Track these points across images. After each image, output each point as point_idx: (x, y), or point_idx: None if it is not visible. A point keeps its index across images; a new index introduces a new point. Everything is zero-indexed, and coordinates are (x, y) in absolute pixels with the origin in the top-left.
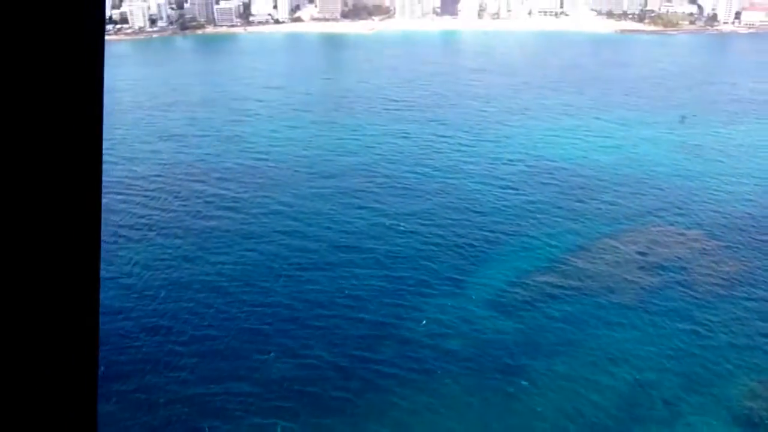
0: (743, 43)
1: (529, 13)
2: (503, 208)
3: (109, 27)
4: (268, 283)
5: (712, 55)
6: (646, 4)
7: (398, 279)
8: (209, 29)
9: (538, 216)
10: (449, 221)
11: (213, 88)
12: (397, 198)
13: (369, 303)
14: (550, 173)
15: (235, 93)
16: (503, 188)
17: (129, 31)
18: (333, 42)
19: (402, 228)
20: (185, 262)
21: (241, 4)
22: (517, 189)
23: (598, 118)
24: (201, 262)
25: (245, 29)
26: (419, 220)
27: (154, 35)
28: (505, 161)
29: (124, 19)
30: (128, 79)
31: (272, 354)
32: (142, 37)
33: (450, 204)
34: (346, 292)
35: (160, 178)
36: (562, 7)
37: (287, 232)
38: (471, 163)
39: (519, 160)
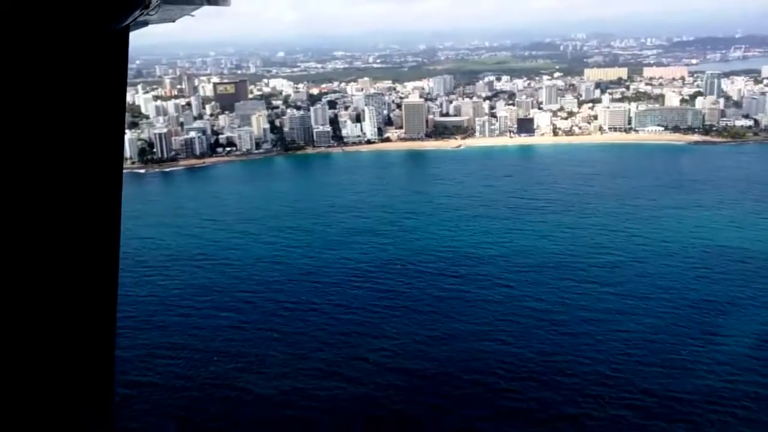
0: None
1: (600, 130)
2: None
3: (219, 150)
4: None
5: None
6: (704, 120)
7: None
8: (309, 149)
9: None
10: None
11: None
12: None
13: None
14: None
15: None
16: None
17: (238, 153)
18: (426, 157)
19: None
20: None
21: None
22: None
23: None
24: None
25: (342, 149)
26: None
27: (262, 156)
28: (687, 245)
29: (233, 143)
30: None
31: None
32: (249, 158)
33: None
34: None
35: None
36: (629, 123)
37: None
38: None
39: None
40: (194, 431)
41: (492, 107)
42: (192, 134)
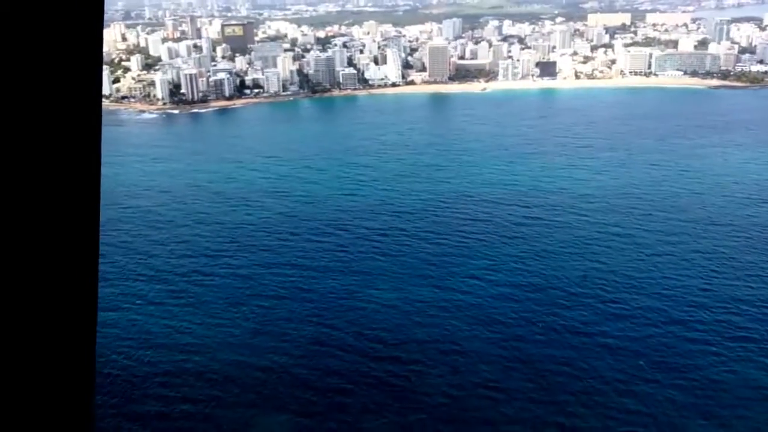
0: None
1: (621, 74)
2: None
3: (247, 91)
4: None
5: None
6: (720, 65)
7: None
8: (335, 92)
9: None
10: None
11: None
12: None
13: None
14: None
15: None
16: None
17: (266, 95)
18: (454, 99)
19: None
20: None
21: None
22: None
23: None
24: None
25: (369, 92)
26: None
27: (291, 98)
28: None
29: (259, 85)
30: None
31: None
32: (277, 99)
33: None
34: None
35: None
36: (649, 68)
37: None
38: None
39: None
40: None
41: (509, 51)
42: (221, 75)
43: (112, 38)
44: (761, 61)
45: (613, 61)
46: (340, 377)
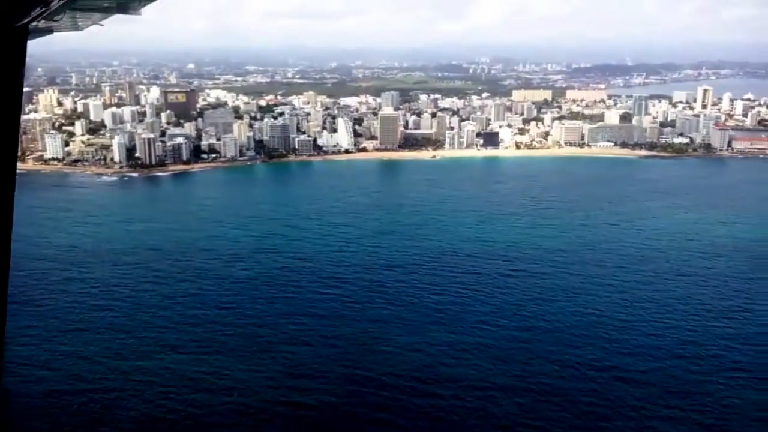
0: (739, 165)
1: (557, 144)
2: None
3: (204, 156)
4: None
5: (722, 171)
6: (646, 138)
7: None
8: (291, 158)
9: None
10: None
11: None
12: None
13: None
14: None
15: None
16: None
17: (222, 159)
18: (408, 166)
19: None
20: None
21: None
22: None
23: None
24: None
25: (323, 158)
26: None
27: (248, 163)
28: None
29: (215, 150)
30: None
31: None
32: (234, 164)
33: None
34: None
35: None
36: (583, 139)
37: None
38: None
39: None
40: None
41: (450, 122)
42: (179, 140)
43: (48, 102)
44: (681, 134)
45: (547, 133)
46: (390, 412)
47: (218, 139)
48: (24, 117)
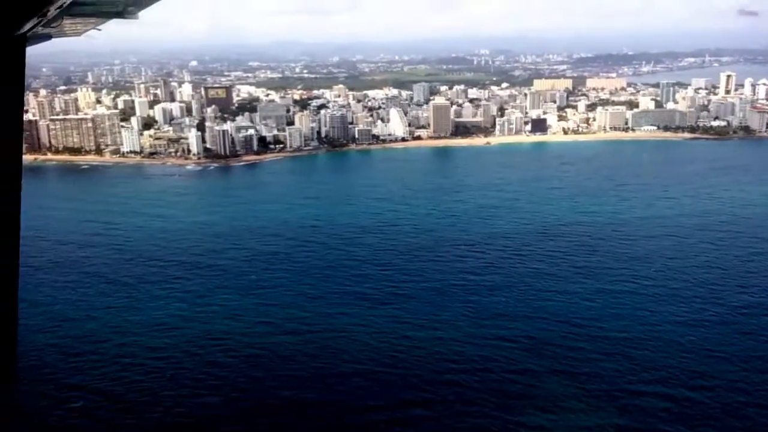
0: None
1: (603, 129)
2: None
3: (271, 146)
4: None
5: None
6: (686, 121)
7: None
8: (352, 147)
9: None
10: None
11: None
12: None
13: None
14: None
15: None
16: None
17: (288, 150)
18: (465, 152)
19: None
20: None
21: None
22: None
23: None
24: None
25: (383, 146)
26: None
27: (313, 152)
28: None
29: (279, 141)
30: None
31: None
32: (300, 154)
33: None
34: None
35: None
36: (626, 124)
37: None
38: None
39: None
40: None
41: (498, 111)
42: (251, 132)
43: (90, 100)
44: (716, 118)
45: (588, 119)
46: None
47: (281, 131)
48: (93, 112)
